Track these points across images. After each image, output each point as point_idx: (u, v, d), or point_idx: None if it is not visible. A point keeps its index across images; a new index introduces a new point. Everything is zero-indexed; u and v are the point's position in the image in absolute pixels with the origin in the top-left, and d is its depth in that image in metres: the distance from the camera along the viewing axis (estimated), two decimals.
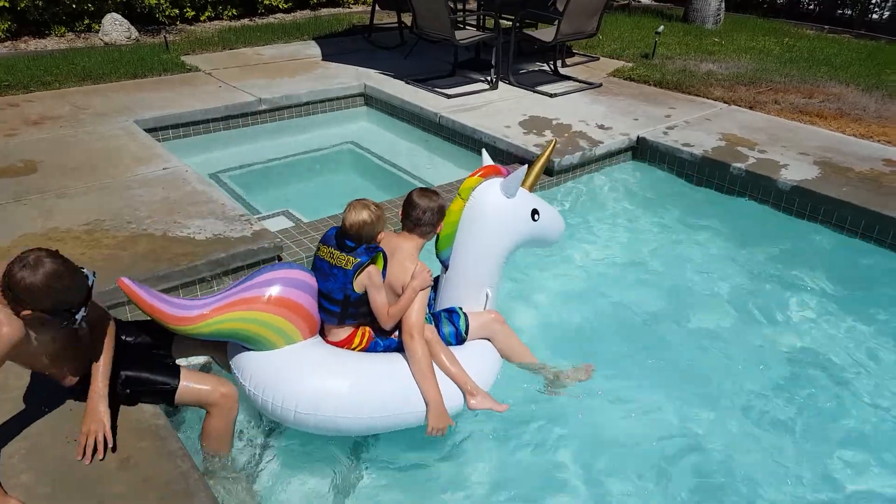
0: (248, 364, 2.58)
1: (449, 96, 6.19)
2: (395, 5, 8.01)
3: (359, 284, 2.61)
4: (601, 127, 5.48)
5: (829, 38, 8.92)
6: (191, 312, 2.40)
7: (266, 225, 3.93)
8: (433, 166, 5.57)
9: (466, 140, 5.58)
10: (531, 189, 3.23)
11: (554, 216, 3.22)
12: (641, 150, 5.34)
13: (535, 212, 3.06)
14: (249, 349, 2.59)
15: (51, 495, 2.08)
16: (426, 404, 2.59)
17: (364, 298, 2.66)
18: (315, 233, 3.92)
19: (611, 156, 5.27)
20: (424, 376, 2.59)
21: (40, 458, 2.20)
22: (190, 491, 2.06)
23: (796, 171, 4.67)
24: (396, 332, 2.80)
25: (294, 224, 4.13)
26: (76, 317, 2.03)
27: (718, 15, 9.39)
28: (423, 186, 2.98)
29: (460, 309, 2.99)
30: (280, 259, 3.64)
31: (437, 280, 3.10)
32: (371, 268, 2.61)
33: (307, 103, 6.23)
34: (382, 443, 2.77)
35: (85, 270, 2.10)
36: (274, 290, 2.52)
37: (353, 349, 2.76)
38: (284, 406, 2.49)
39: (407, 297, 2.63)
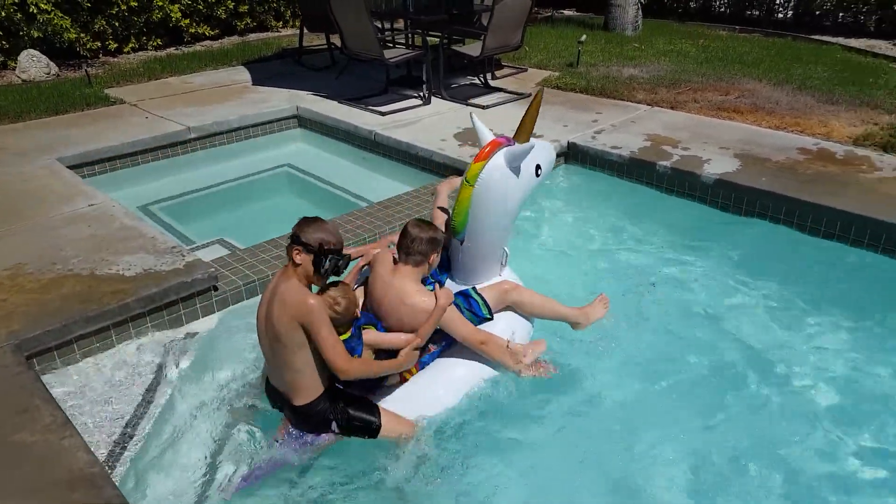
0: None
1: (383, 113, 6.22)
2: (323, 27, 8.02)
3: None
4: (533, 135, 5.56)
5: (741, 38, 9.35)
6: None
7: (201, 255, 3.86)
8: (372, 183, 5.58)
9: (403, 155, 5.61)
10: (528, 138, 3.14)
11: (549, 156, 3.24)
12: (573, 155, 5.47)
13: (538, 167, 3.09)
14: None
15: None
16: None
17: None
18: (251, 259, 3.88)
19: None
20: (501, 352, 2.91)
21: None
22: None
23: (718, 165, 4.86)
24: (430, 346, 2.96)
25: (230, 252, 4.07)
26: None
27: (637, 22, 9.73)
28: (420, 218, 3.03)
29: (473, 290, 3.05)
30: (216, 289, 3.58)
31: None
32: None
33: (238, 129, 6.16)
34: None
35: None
36: None
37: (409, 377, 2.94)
38: None
39: (434, 317, 2.76)
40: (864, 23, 9.37)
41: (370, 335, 2.81)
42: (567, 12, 11.99)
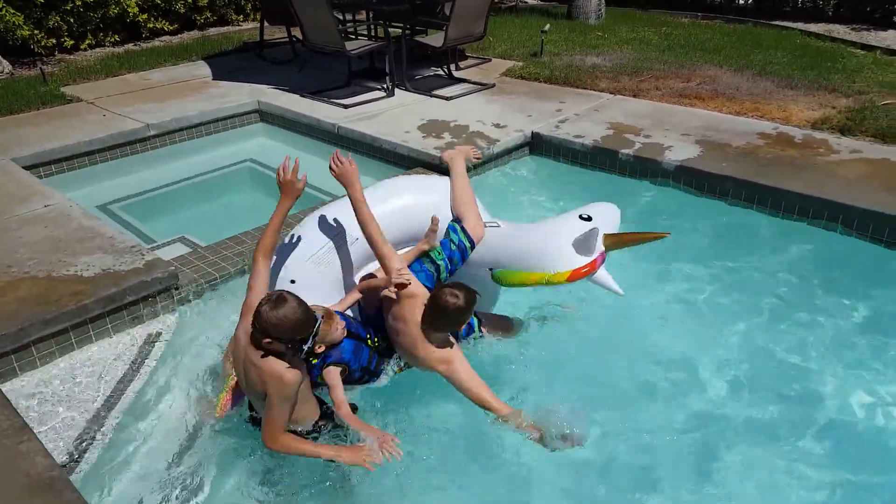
0: None
1: (346, 106, 6.17)
2: (284, 20, 7.91)
3: None
4: (497, 125, 5.60)
5: (703, 25, 9.45)
6: None
7: (161, 253, 3.80)
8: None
9: (367, 148, 5.58)
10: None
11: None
12: (537, 145, 5.49)
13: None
14: None
15: None
16: None
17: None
18: (213, 256, 3.83)
19: (508, 152, 5.39)
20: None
21: None
22: None
23: (679, 152, 4.92)
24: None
25: (191, 250, 4.01)
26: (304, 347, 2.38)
27: (600, 10, 9.79)
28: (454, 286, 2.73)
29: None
30: (176, 288, 3.53)
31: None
32: None
33: (199, 124, 6.06)
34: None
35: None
36: None
37: None
38: None
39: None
40: (823, 8, 9.53)
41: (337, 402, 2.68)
42: (531, 1, 12.01)
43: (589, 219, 3.12)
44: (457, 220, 3.17)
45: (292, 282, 2.93)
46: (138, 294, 3.36)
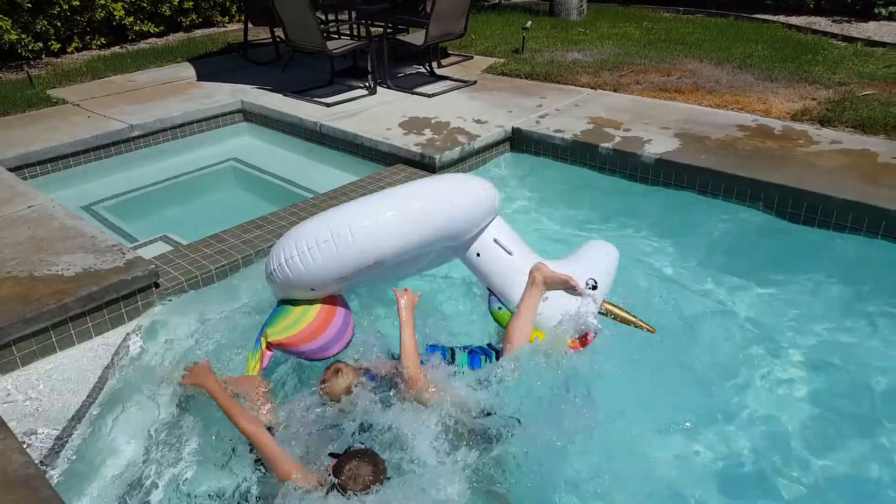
0: None
1: (328, 105, 6.22)
2: (267, 21, 7.95)
3: None
4: (478, 122, 5.65)
5: (684, 19, 9.52)
6: None
7: (143, 252, 3.83)
8: (318, 174, 5.57)
9: (349, 146, 5.62)
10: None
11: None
12: (517, 140, 5.54)
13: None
14: None
15: None
16: None
17: None
18: (194, 255, 3.87)
19: (488, 148, 5.44)
20: None
21: None
22: None
23: (659, 145, 4.97)
24: None
25: (173, 248, 4.05)
26: None
27: (581, 6, 9.85)
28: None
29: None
30: (157, 286, 3.57)
31: None
32: None
33: (183, 125, 6.10)
34: None
35: None
36: None
37: None
38: None
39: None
40: (804, 0, 9.60)
41: None
42: None
43: (595, 287, 3.16)
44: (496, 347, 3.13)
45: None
46: (119, 292, 3.39)
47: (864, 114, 5.28)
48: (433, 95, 6.44)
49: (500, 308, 3.21)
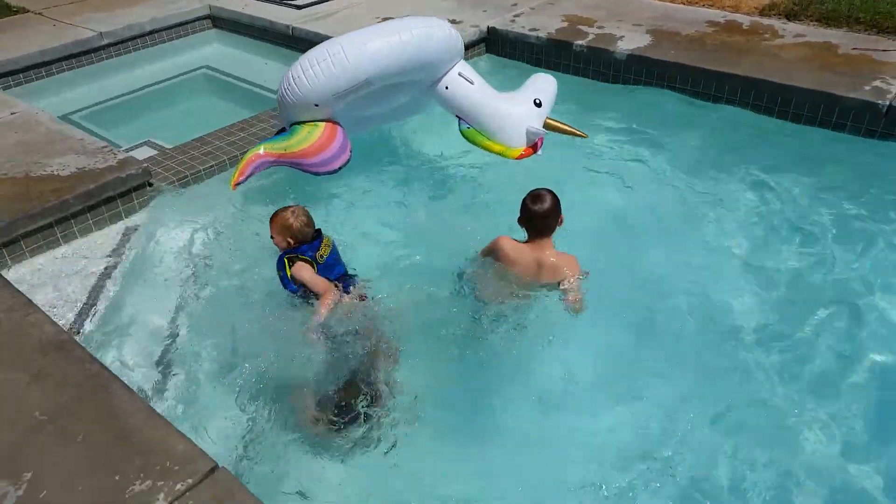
0: None
1: (299, 7, 6.13)
2: None
3: None
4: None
5: None
6: None
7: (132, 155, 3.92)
8: None
9: None
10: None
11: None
12: (493, 41, 5.59)
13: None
14: None
15: None
16: None
17: None
18: (181, 156, 3.98)
19: (465, 49, 5.46)
20: None
21: None
22: (104, 384, 2.23)
23: (631, 42, 5.08)
24: None
25: (159, 151, 4.14)
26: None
27: None
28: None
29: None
30: (150, 185, 3.69)
31: None
32: None
33: (152, 32, 6.00)
34: None
35: None
36: None
37: None
38: None
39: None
40: None
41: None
42: None
43: (540, 104, 3.81)
44: None
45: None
46: (115, 190, 3.51)
47: (829, 7, 5.41)
48: None
49: (467, 127, 3.80)
